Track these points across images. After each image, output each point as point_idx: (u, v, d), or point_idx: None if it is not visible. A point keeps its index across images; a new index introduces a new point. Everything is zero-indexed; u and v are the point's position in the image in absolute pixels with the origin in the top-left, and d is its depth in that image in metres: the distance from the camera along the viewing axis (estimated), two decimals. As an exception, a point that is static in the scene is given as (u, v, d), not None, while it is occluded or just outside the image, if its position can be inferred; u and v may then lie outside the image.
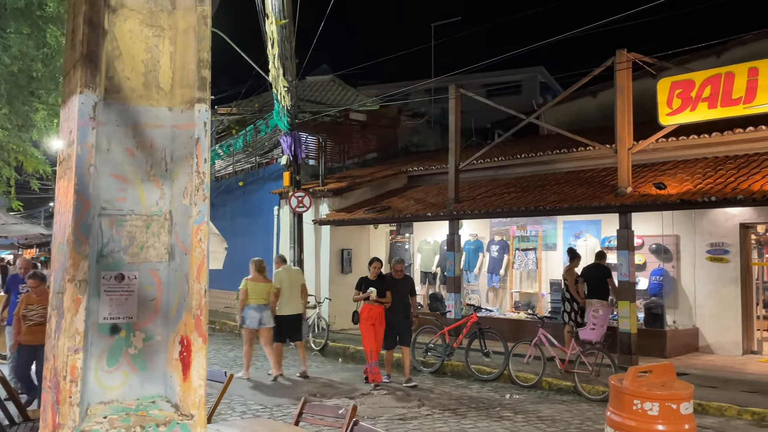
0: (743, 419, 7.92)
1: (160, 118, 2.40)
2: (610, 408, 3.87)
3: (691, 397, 3.76)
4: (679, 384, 3.90)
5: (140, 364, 2.32)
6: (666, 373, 3.96)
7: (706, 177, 11.01)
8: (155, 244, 2.37)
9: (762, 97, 9.80)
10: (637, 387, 3.77)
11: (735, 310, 11.80)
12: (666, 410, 3.69)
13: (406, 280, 10.20)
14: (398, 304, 9.82)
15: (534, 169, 15.00)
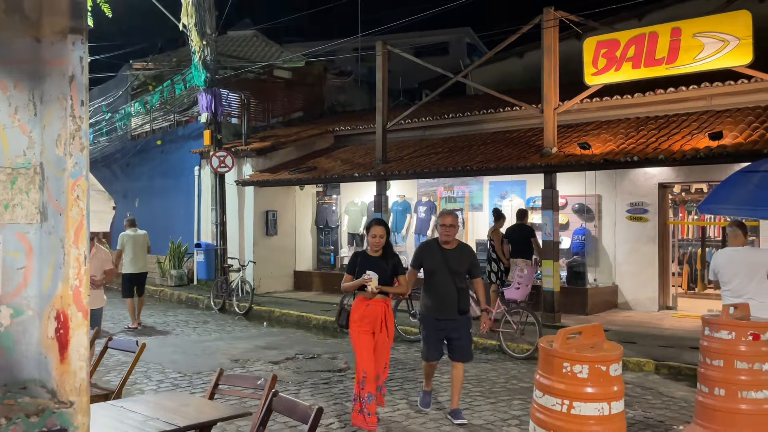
0: (661, 373, 8.15)
1: (25, 51, 2.00)
2: (540, 371, 3.76)
3: (620, 358, 3.70)
4: (608, 345, 3.83)
5: (8, 344, 1.96)
6: (595, 334, 3.88)
7: (628, 137, 11.16)
8: (23, 202, 1.99)
9: (684, 58, 9.91)
10: (566, 350, 3.67)
11: (652, 268, 12.15)
12: (595, 372, 3.61)
13: (462, 252, 6.14)
14: (447, 289, 5.99)
15: (461, 129, 14.91)
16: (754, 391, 4.66)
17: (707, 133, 9.81)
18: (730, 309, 5.10)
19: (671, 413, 6.49)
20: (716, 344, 4.84)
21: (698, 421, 4.91)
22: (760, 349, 4.74)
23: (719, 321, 4.92)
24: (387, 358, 5.94)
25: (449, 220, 6.10)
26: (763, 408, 4.67)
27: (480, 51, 31.42)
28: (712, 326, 4.90)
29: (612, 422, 3.64)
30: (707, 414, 4.80)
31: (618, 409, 3.65)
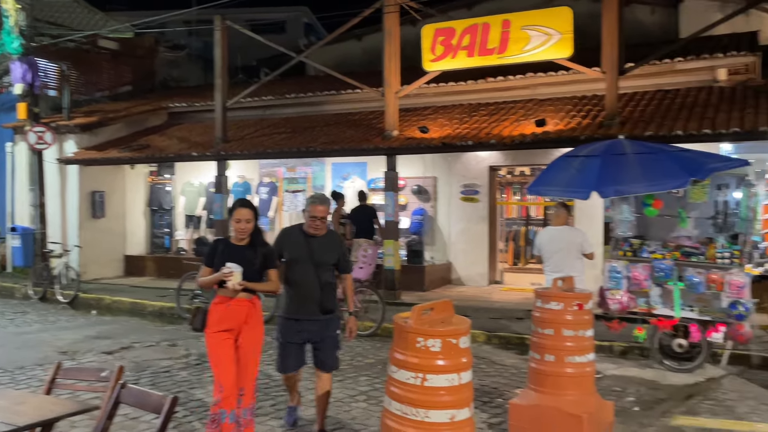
0: (492, 343, 8.75)
1: None
2: (395, 347, 3.87)
3: (468, 331, 3.90)
4: (457, 319, 4.03)
5: None
6: (445, 309, 4.06)
7: (463, 122, 11.74)
8: None
9: (513, 48, 10.59)
10: (420, 325, 3.80)
11: (483, 246, 12.96)
12: (447, 345, 3.78)
13: (331, 241, 5.18)
14: (309, 284, 5.02)
15: (303, 110, 14.83)
16: (579, 356, 5.15)
17: (533, 120, 10.59)
18: (558, 282, 5.58)
19: (504, 380, 7.00)
20: (547, 314, 5.27)
21: (531, 385, 5.33)
22: (583, 318, 5.24)
23: (550, 293, 5.36)
24: (254, 372, 4.75)
25: (321, 211, 4.96)
26: (585, 371, 5.18)
27: (317, 31, 31.32)
28: (544, 298, 5.33)
29: (461, 392, 3.84)
30: (539, 378, 5.24)
31: (467, 379, 3.86)
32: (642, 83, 11.65)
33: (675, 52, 11.38)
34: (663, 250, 7.43)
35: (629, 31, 12.45)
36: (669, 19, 14.71)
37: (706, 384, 6.83)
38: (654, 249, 7.47)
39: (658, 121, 9.80)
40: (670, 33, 14.03)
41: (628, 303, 7.35)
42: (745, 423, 5.62)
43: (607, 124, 9.93)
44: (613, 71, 10.01)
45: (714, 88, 11.17)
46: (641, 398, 6.34)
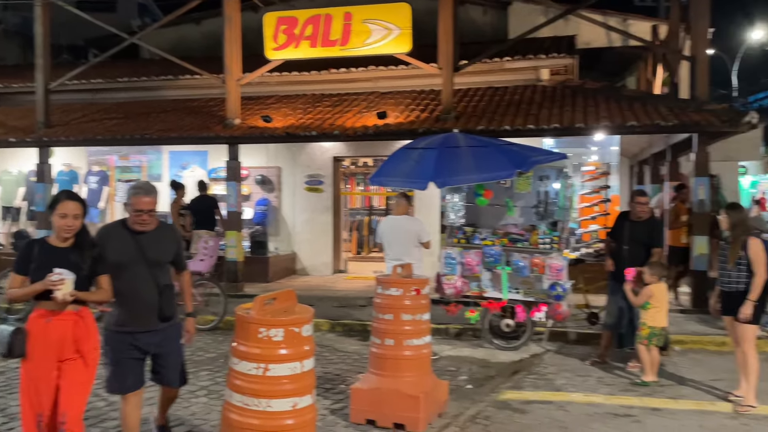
0: (335, 331, 8.89)
1: None
2: (236, 339, 3.83)
3: (311, 319, 3.94)
4: (300, 308, 4.05)
5: None
6: (288, 299, 4.07)
7: (307, 113, 11.75)
8: None
9: (355, 41, 10.77)
10: (262, 315, 3.79)
11: (327, 236, 13.09)
12: (289, 334, 3.80)
13: (164, 235, 4.47)
14: (143, 289, 4.28)
15: (138, 94, 14.06)
16: (416, 339, 5.39)
17: (375, 112, 10.85)
18: (398, 269, 5.79)
19: (346, 366, 7.15)
20: (387, 300, 5.46)
21: (372, 369, 5.50)
22: (420, 302, 5.49)
23: (390, 280, 5.56)
24: (82, 400, 4.00)
25: (147, 203, 4.22)
26: (422, 353, 5.44)
27: (152, 12, 29.76)
28: (384, 284, 5.52)
29: (304, 379, 3.88)
30: (379, 362, 5.42)
31: (309, 367, 3.90)
32: (475, 80, 12.33)
33: (504, 51, 12.18)
34: (493, 237, 7.94)
35: (464, 29, 13.14)
36: (499, 20, 15.70)
37: (530, 360, 7.42)
38: (485, 236, 7.96)
39: (489, 116, 10.44)
40: (500, 33, 14.99)
41: (462, 287, 7.79)
42: (562, 393, 6.18)
43: (444, 118, 10.41)
44: (448, 68, 10.49)
45: (538, 86, 12.10)
46: (473, 376, 6.76)
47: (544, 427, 5.30)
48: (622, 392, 6.23)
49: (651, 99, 10.88)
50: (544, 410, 5.68)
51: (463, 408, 5.72)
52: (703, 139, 9.43)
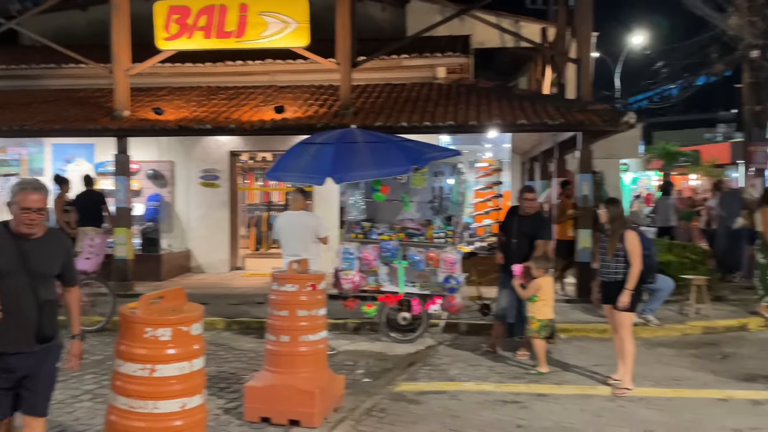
0: (232, 330, 8.72)
1: None
2: (121, 340, 3.68)
3: (201, 318, 3.86)
4: (189, 306, 3.95)
5: None
6: (177, 297, 3.95)
7: (201, 105, 11.43)
8: None
9: (251, 33, 10.57)
10: (149, 314, 3.66)
11: (224, 232, 12.80)
12: (177, 333, 3.70)
13: (53, 243, 3.84)
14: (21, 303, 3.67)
15: (17, 83, 13.20)
16: (312, 334, 5.37)
17: (272, 106, 10.70)
18: (293, 265, 5.74)
19: (242, 364, 7.03)
20: (282, 296, 5.41)
21: (267, 367, 5.44)
22: (316, 298, 5.48)
23: (285, 276, 5.51)
24: None
25: (36, 201, 3.64)
26: (318, 348, 5.42)
27: (34, -4, 27.97)
28: (279, 281, 5.46)
29: (193, 379, 3.79)
30: (274, 359, 5.36)
31: (199, 366, 3.81)
32: (374, 76, 12.43)
33: (402, 49, 12.34)
34: (390, 231, 8.04)
35: (362, 26, 13.20)
36: (398, 17, 15.85)
37: (425, 352, 7.58)
38: (382, 231, 8.05)
39: (387, 112, 10.55)
40: (399, 31, 15.14)
41: (360, 282, 7.84)
42: (455, 383, 6.36)
43: (342, 113, 10.42)
44: (346, 63, 10.51)
45: (434, 84, 12.34)
46: (370, 369, 6.83)
47: (437, 416, 5.43)
48: (512, 380, 6.49)
49: (540, 99, 11.36)
50: (438, 400, 5.82)
51: (360, 401, 5.77)
52: (586, 137, 9.94)
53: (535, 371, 6.68)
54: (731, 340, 8.21)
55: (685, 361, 7.22)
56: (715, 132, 36.91)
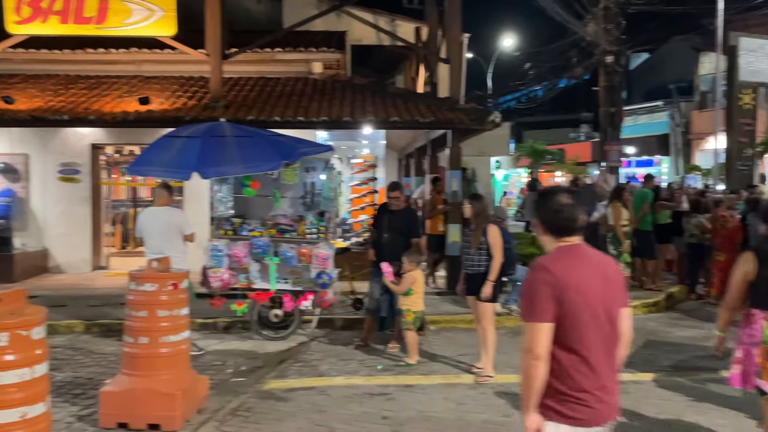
0: (92, 332, 8.24)
1: None
2: (-50, 347, 3.37)
3: (44, 321, 3.62)
4: (31, 309, 3.68)
5: None
6: (16, 300, 3.67)
7: (58, 94, 10.70)
8: None
9: (113, 20, 10.03)
10: (-19, 319, 3.38)
11: (85, 229, 12.05)
12: (16, 338, 3.45)
13: None
14: None
15: None
16: (173, 335, 5.17)
17: (137, 97, 10.21)
18: (153, 263, 5.50)
19: (101, 369, 6.66)
20: (141, 296, 5.16)
21: (124, 370, 5.17)
22: (178, 297, 5.28)
23: (143, 275, 5.26)
24: None
25: None
26: (180, 349, 5.23)
27: None
28: (138, 280, 5.21)
29: (35, 386, 3.55)
30: (132, 362, 5.11)
31: (42, 372, 3.58)
32: (247, 69, 12.17)
33: (277, 42, 12.17)
34: (261, 228, 7.91)
35: (237, 17, 12.92)
36: (273, 10, 15.63)
37: (297, 348, 7.52)
38: (253, 227, 7.91)
39: (260, 106, 10.36)
40: (275, 24, 14.92)
41: (230, 280, 7.66)
42: (325, 378, 6.37)
43: (212, 106, 10.12)
44: (216, 55, 10.22)
45: (309, 79, 12.27)
46: (239, 368, 6.69)
47: (304, 412, 5.41)
48: (381, 373, 6.58)
49: (412, 96, 11.59)
50: (306, 396, 5.80)
51: (225, 402, 5.63)
52: (455, 135, 10.25)
53: (404, 363, 6.81)
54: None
55: (543, 347, 7.62)
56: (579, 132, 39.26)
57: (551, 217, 2.77)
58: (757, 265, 4.03)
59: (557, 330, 2.60)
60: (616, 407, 2.71)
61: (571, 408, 2.60)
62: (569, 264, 2.66)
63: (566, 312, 2.59)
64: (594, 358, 2.62)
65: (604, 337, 2.65)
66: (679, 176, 25.20)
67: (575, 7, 15.74)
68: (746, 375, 4.06)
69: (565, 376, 2.61)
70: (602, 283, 2.68)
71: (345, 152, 14.09)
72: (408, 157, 15.86)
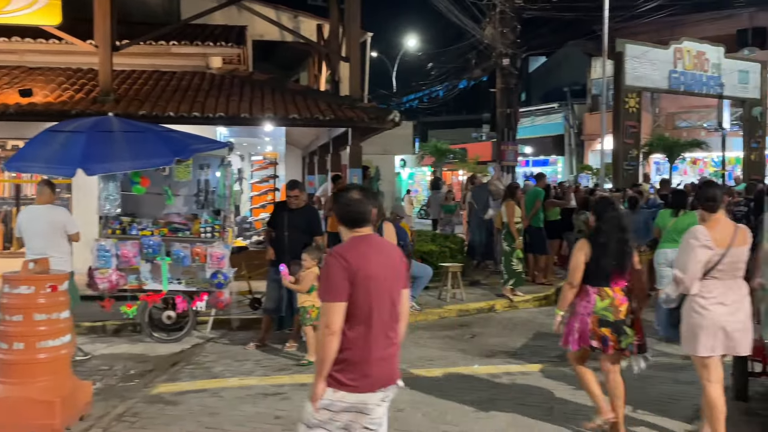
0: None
1: None
2: None
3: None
4: None
5: None
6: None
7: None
8: None
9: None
10: None
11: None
12: None
13: None
14: None
15: None
16: (52, 340, 4.89)
17: (18, 89, 9.62)
18: (29, 264, 5.20)
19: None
20: (16, 300, 4.86)
21: (-1, 378, 4.88)
22: (58, 300, 5.00)
23: (18, 277, 4.96)
24: None
25: None
26: (60, 354, 4.96)
27: None
28: (12, 283, 4.91)
29: None
30: (6, 369, 4.80)
31: None
32: (141, 62, 11.73)
33: (173, 35, 11.79)
34: (153, 227, 7.65)
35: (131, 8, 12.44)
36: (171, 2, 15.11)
37: (191, 350, 7.32)
38: (144, 226, 7.64)
39: (153, 101, 10.00)
40: (173, 16, 14.43)
41: (118, 281, 7.37)
42: (218, 380, 6.23)
43: (102, 100, 9.68)
44: (106, 46, 9.78)
45: (207, 74, 11.95)
46: (128, 373, 6.44)
47: (194, 415, 5.28)
48: (276, 372, 6.52)
49: (313, 94, 11.54)
50: (197, 399, 5.66)
51: (111, 407, 5.41)
52: (356, 133, 10.30)
53: (305, 361, 6.73)
54: (481, 320, 9.05)
55: (439, 342, 7.80)
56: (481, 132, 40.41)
57: (343, 210, 3.18)
58: (590, 250, 4.69)
59: (348, 308, 2.99)
60: (395, 374, 3.15)
61: (349, 377, 3.00)
62: (361, 252, 3.07)
63: (357, 293, 2.99)
64: (376, 332, 3.04)
65: (387, 314, 3.09)
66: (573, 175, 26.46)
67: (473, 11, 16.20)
68: (582, 338, 4.71)
69: (348, 349, 3.00)
70: (388, 268, 3.12)
71: (246, 149, 13.84)
72: (311, 154, 15.80)
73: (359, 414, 3.04)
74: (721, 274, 4.41)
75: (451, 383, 6.16)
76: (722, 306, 4.39)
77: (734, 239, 4.43)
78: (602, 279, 4.67)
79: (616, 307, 4.64)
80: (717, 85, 18.76)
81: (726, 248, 4.39)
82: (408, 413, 5.34)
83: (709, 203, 4.54)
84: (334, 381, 3.01)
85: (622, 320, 4.64)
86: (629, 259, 4.73)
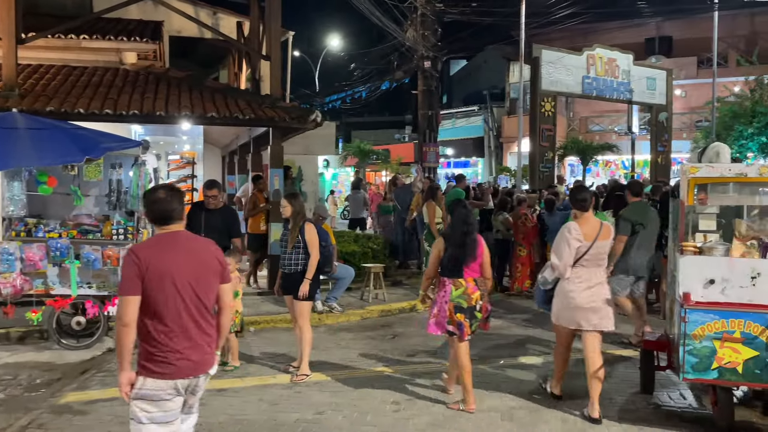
0: None
1: None
2: None
3: None
4: None
5: None
6: None
7: None
8: None
9: None
10: None
11: None
12: None
13: None
14: None
15: None
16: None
17: None
18: None
19: None
20: None
21: None
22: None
23: None
24: None
25: None
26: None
27: None
28: None
29: None
30: None
31: None
32: (49, 56, 11.21)
33: (84, 28, 11.30)
34: (61, 228, 7.31)
35: (41, 0, 11.84)
36: (84, -5, 14.49)
37: (102, 357, 7.02)
38: (51, 228, 7.29)
39: (62, 97, 9.54)
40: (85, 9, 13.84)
41: (23, 286, 6.98)
42: (131, 387, 5.99)
43: (5, 95, 9.16)
44: (10, 38, 9.26)
45: (121, 70, 11.52)
46: (33, 382, 6.11)
47: (104, 425, 5.06)
48: (193, 378, 6.32)
49: (232, 92, 11.30)
50: (108, 408, 5.43)
51: (14, 419, 5.12)
52: (277, 133, 10.16)
53: (231, 367, 6.57)
54: (402, 320, 9.10)
55: (360, 343, 7.79)
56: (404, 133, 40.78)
57: (150, 208, 3.34)
58: (444, 247, 5.37)
59: (144, 302, 3.14)
60: (207, 363, 3.34)
61: (156, 365, 3.17)
62: (159, 248, 3.23)
63: (149, 288, 3.14)
64: (179, 324, 3.20)
65: (192, 307, 3.24)
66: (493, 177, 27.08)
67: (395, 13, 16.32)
68: (440, 324, 5.40)
69: (151, 339, 3.18)
70: (193, 264, 3.26)
71: (163, 148, 13.42)
72: (232, 154, 15.49)
73: (178, 397, 3.25)
74: (587, 263, 5.23)
75: (372, 384, 6.15)
76: (588, 290, 5.21)
77: (599, 234, 5.24)
78: (456, 271, 5.33)
79: (469, 294, 5.32)
80: (627, 91, 19.62)
81: (592, 241, 5.20)
82: (329, 415, 5.31)
83: (580, 203, 5.36)
84: (143, 369, 3.19)
85: (473, 306, 5.33)
86: (477, 248, 5.37)
